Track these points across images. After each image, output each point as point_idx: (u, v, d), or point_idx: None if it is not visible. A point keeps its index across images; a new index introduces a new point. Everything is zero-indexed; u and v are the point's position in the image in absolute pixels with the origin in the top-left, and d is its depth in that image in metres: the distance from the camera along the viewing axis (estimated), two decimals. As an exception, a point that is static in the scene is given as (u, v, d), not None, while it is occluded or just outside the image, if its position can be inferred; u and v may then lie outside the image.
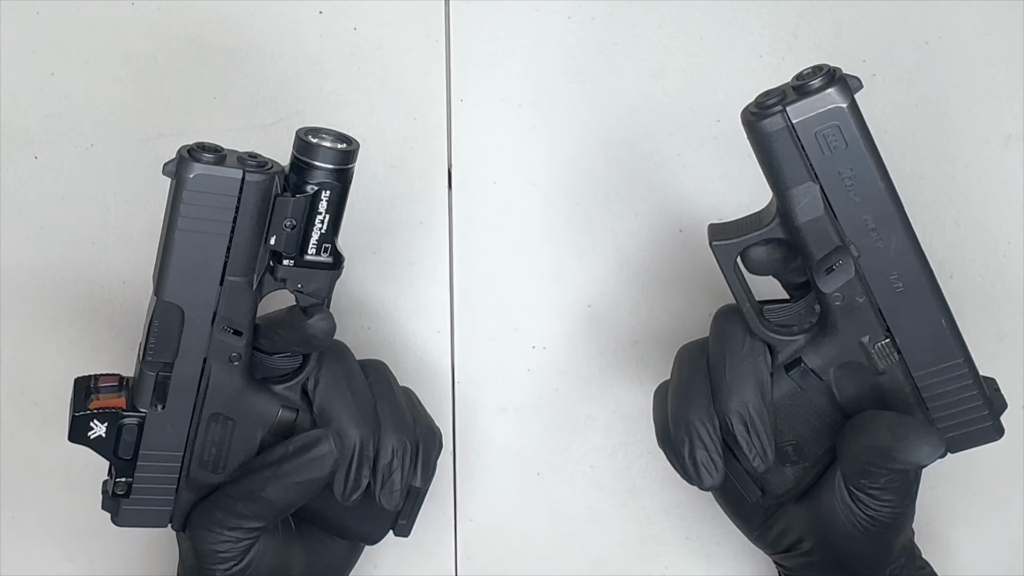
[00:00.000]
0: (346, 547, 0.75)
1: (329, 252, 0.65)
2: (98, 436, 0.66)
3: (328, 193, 0.64)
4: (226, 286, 0.64)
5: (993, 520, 0.81)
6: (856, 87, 0.62)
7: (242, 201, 0.62)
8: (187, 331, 0.65)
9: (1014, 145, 0.78)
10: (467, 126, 0.79)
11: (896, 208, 0.63)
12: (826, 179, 0.62)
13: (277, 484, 0.67)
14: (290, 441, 0.67)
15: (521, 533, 0.82)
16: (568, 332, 0.80)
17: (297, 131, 0.64)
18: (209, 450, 0.68)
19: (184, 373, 0.66)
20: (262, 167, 0.63)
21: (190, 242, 0.63)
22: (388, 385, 0.71)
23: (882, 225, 0.63)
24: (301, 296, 0.66)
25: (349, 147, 0.64)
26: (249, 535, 0.68)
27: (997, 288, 0.79)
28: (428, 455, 0.70)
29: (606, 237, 0.79)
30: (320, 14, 0.78)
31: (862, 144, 0.62)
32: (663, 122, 0.79)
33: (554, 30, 0.78)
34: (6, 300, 0.80)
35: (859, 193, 0.62)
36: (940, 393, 0.66)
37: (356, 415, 0.68)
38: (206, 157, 0.62)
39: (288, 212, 0.63)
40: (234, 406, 0.67)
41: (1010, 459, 0.80)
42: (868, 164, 0.62)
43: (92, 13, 0.78)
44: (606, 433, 0.81)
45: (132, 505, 0.68)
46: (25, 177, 0.79)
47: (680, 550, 0.82)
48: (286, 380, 0.68)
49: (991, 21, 0.77)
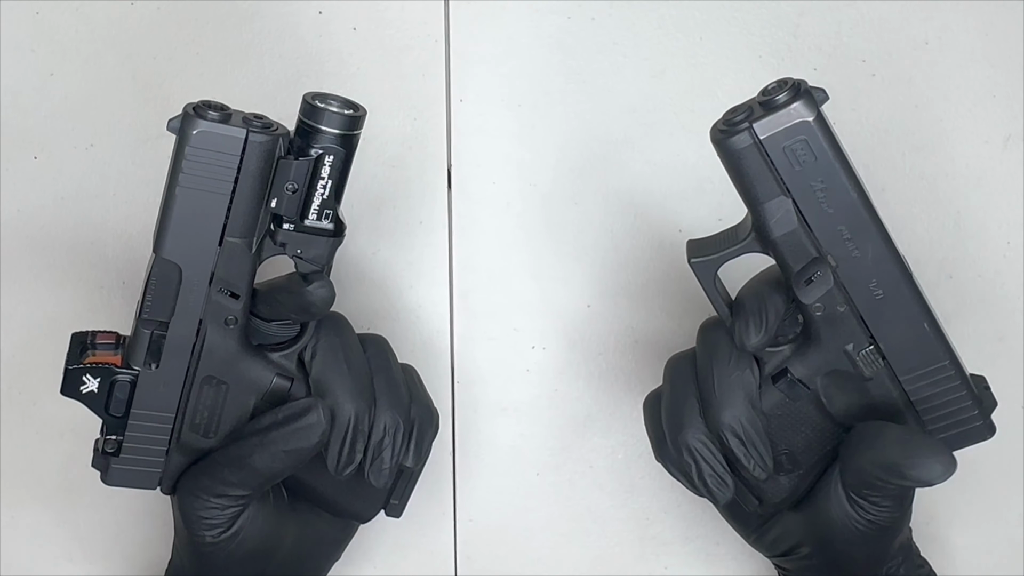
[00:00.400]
0: (339, 525, 0.74)
1: (331, 219, 0.65)
2: (90, 391, 0.66)
3: (332, 158, 0.63)
4: (225, 247, 0.64)
5: (993, 520, 0.81)
6: (822, 99, 0.62)
7: (244, 161, 0.62)
8: (184, 290, 0.64)
9: (1014, 145, 0.78)
10: (467, 126, 0.79)
11: (870, 217, 0.63)
12: (798, 192, 0.62)
13: (263, 452, 0.66)
14: (279, 409, 0.67)
15: (521, 533, 0.82)
16: (568, 332, 0.80)
17: (304, 95, 0.64)
18: (201, 413, 0.68)
19: (179, 333, 0.66)
20: (267, 128, 0.63)
21: (190, 200, 0.63)
22: (386, 361, 0.70)
23: (857, 235, 0.63)
24: (301, 262, 0.65)
25: (356, 113, 0.64)
26: (235, 503, 0.67)
27: (997, 288, 0.79)
28: (423, 436, 0.70)
29: (605, 237, 0.79)
30: (320, 14, 0.78)
31: (831, 156, 0.62)
32: (663, 122, 0.79)
33: (554, 30, 0.78)
34: (6, 300, 0.80)
35: (832, 204, 0.62)
36: (928, 396, 0.66)
37: (352, 388, 0.67)
38: (211, 115, 0.62)
39: (290, 175, 0.63)
40: (228, 370, 0.67)
41: (1009, 459, 0.80)
42: (839, 175, 0.62)
43: (92, 13, 0.78)
44: (606, 433, 0.81)
45: (122, 464, 0.68)
46: (25, 177, 0.79)
47: (680, 550, 0.82)
48: (283, 348, 0.68)
49: (991, 21, 0.77)
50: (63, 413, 0.81)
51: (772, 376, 0.67)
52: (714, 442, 0.66)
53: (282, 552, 0.71)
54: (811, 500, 0.69)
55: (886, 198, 0.78)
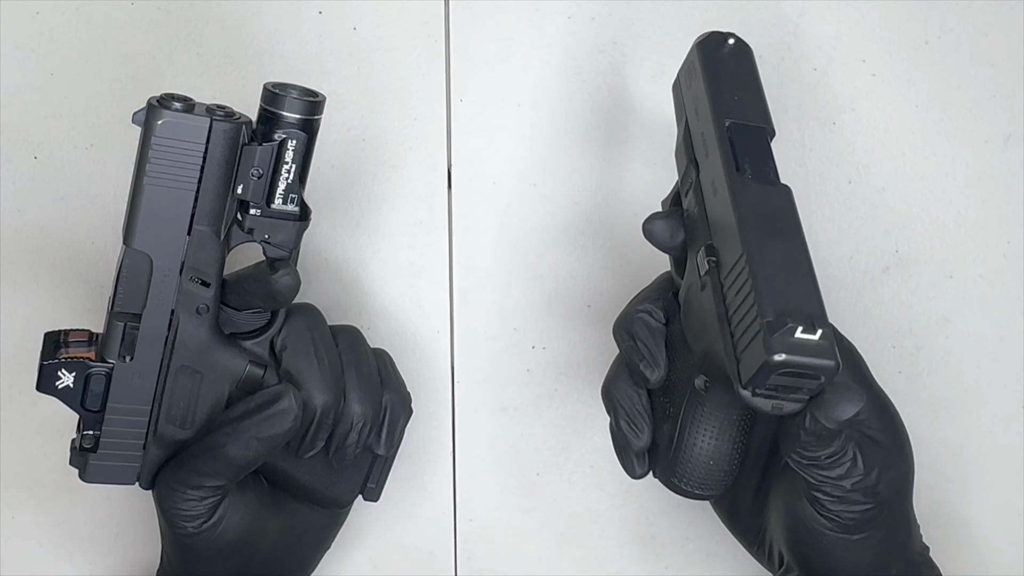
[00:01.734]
0: (324, 515, 0.75)
1: (296, 202, 0.66)
2: (66, 386, 0.67)
3: (294, 143, 0.65)
4: (194, 235, 0.65)
5: (993, 520, 0.81)
6: (719, 39, 0.69)
7: (209, 149, 0.64)
8: (155, 281, 0.65)
9: (1014, 145, 0.78)
10: (467, 126, 0.79)
11: (718, 132, 0.65)
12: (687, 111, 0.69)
13: (237, 440, 0.67)
14: (251, 398, 0.68)
15: (521, 533, 0.82)
16: (568, 332, 0.80)
17: (265, 84, 0.65)
18: (177, 404, 0.68)
19: (152, 324, 0.66)
20: (229, 116, 0.64)
21: (158, 190, 0.64)
22: (359, 352, 0.71)
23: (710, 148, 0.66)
24: (268, 247, 0.67)
25: (315, 99, 0.66)
26: (213, 494, 0.68)
27: (997, 288, 0.79)
28: (394, 423, 0.71)
29: (605, 237, 0.79)
30: (320, 14, 0.78)
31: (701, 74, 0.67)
32: (663, 122, 0.79)
33: (554, 30, 0.78)
34: (6, 300, 0.80)
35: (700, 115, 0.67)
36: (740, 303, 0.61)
37: (321, 382, 0.68)
38: (175, 105, 0.63)
39: (255, 161, 0.65)
40: (201, 359, 0.68)
41: (1010, 459, 0.80)
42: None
43: (92, 13, 0.78)
44: (606, 433, 0.81)
45: (100, 460, 0.68)
46: (25, 177, 0.79)
47: (680, 550, 0.82)
48: (254, 336, 0.69)
49: (991, 21, 0.77)
50: (63, 413, 0.81)
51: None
52: (638, 392, 0.69)
53: (267, 543, 0.71)
54: (786, 516, 0.67)
55: (886, 198, 0.78)
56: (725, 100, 0.66)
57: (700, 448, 0.67)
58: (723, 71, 0.68)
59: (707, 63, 0.68)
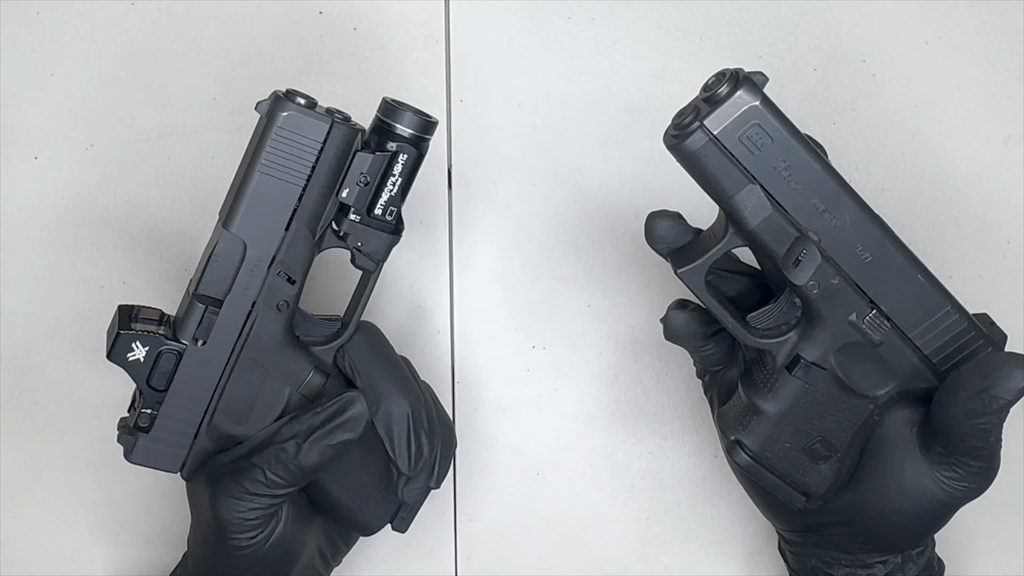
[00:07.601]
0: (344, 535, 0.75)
1: (394, 216, 0.67)
2: (136, 359, 0.67)
3: (405, 157, 0.66)
4: (291, 231, 0.66)
5: (993, 520, 0.81)
6: (762, 81, 0.62)
7: (325, 149, 0.65)
8: (244, 269, 0.66)
9: (1014, 145, 0.78)
10: (467, 126, 0.79)
11: (839, 184, 0.63)
12: (764, 177, 0.62)
13: (312, 448, 0.67)
14: (318, 406, 0.68)
15: (521, 533, 0.82)
16: (568, 332, 0.80)
17: (384, 97, 0.66)
18: (238, 397, 0.68)
19: (232, 312, 0.67)
20: (347, 121, 0.65)
21: (269, 179, 0.65)
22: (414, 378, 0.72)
23: (831, 204, 0.63)
24: (358, 255, 0.68)
25: (431, 119, 0.66)
26: (277, 500, 0.68)
27: (997, 288, 0.79)
28: (447, 457, 0.72)
29: (605, 237, 0.79)
30: (320, 14, 0.78)
31: (786, 134, 0.62)
32: (663, 122, 0.78)
33: (554, 30, 0.78)
34: (6, 300, 0.80)
35: (799, 180, 0.63)
36: (940, 345, 0.66)
37: (402, 386, 0.69)
38: (299, 101, 0.64)
39: (366, 168, 0.66)
40: (271, 356, 0.68)
41: (1010, 459, 0.80)
42: (798, 151, 0.62)
43: (92, 13, 0.78)
44: (606, 433, 0.81)
45: (149, 442, 0.68)
46: (25, 177, 0.79)
47: (680, 550, 0.82)
48: (322, 344, 0.70)
49: (991, 21, 0.78)
50: (63, 413, 0.81)
51: (786, 366, 0.67)
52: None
53: (303, 560, 0.71)
54: (869, 474, 0.68)
55: (886, 198, 0.78)
56: (825, 158, 0.64)
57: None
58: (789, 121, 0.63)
59: (780, 116, 0.62)
